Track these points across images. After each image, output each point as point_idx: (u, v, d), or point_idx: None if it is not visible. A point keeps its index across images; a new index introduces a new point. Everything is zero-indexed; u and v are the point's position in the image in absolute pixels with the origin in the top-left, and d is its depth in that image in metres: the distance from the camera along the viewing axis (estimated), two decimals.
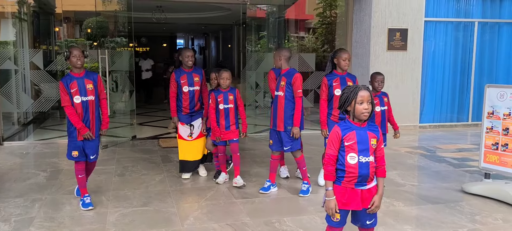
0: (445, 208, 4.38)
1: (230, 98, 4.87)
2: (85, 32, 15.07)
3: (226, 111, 4.88)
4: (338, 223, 2.82)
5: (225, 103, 4.86)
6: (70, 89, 4.04)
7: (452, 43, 9.08)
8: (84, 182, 4.34)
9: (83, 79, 4.11)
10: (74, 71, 4.12)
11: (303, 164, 4.73)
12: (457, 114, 9.30)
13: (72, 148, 4.22)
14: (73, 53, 4.05)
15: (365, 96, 2.68)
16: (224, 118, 4.89)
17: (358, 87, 2.72)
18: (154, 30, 18.42)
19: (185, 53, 5.04)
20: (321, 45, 13.75)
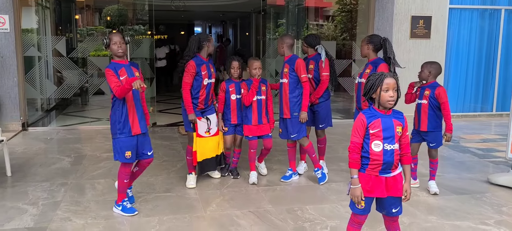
0: (471, 199, 4.30)
1: (262, 89, 4.57)
2: (104, 19, 15.19)
3: (259, 103, 4.56)
4: (363, 211, 2.80)
5: (258, 94, 4.55)
6: (119, 77, 3.53)
7: (477, 31, 8.87)
8: (126, 188, 3.86)
9: (129, 66, 3.67)
10: (116, 59, 3.63)
11: (312, 151, 4.63)
12: (481, 104, 9.11)
13: (124, 147, 3.62)
14: (113, 39, 3.55)
15: (390, 84, 2.64)
16: (256, 111, 4.56)
17: (384, 75, 2.67)
18: (172, 17, 18.41)
19: (207, 38, 4.48)
20: (340, 33, 13.58)
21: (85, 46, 8.11)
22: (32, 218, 3.70)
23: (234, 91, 4.57)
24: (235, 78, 4.59)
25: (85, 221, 3.66)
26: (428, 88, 4.30)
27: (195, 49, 4.38)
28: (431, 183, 4.46)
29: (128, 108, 3.58)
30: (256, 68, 4.47)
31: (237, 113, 4.61)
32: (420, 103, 4.35)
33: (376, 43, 4.33)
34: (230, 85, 4.57)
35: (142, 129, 3.68)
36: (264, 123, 4.59)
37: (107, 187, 4.47)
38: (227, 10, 15.99)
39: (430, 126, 4.31)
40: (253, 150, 4.64)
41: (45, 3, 9.18)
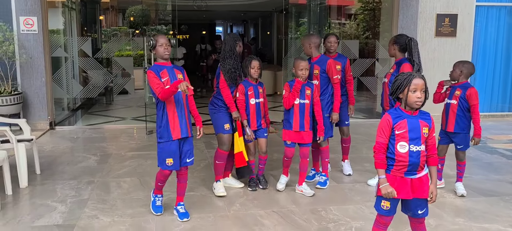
0: (500, 201, 4.21)
1: (307, 93, 4.15)
2: (128, 20, 15.42)
3: (301, 108, 4.16)
4: (388, 212, 2.77)
5: (301, 97, 4.15)
6: (161, 79, 3.43)
7: (505, 29, 8.65)
8: (161, 188, 3.79)
9: (172, 68, 3.55)
10: (160, 61, 3.54)
11: (327, 155, 4.54)
12: (509, 104, 8.88)
13: (165, 154, 3.51)
14: (160, 41, 3.45)
15: (419, 85, 2.60)
16: (298, 116, 4.17)
17: (413, 75, 2.63)
18: (193, 17, 18.57)
19: (237, 41, 4.31)
20: (363, 32, 13.44)
21: (109, 47, 8.25)
22: (61, 215, 3.79)
23: (253, 95, 4.25)
24: (252, 80, 4.28)
25: (111, 219, 3.72)
26: (460, 88, 4.20)
27: (233, 50, 4.22)
28: (458, 185, 4.38)
29: (168, 112, 3.47)
30: (303, 69, 4.06)
31: (256, 118, 4.29)
32: (449, 103, 4.26)
33: (402, 43, 4.29)
34: (249, 88, 4.23)
35: (183, 133, 3.52)
36: (306, 130, 4.19)
37: (133, 186, 4.54)
38: (248, 9, 16.03)
39: (458, 127, 4.21)
40: (287, 158, 4.31)
41: (71, 5, 9.38)
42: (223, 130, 4.24)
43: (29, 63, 6.97)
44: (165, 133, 3.49)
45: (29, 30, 6.90)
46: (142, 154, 5.79)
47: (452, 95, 4.23)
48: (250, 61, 4.22)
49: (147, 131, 7.08)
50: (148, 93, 7.27)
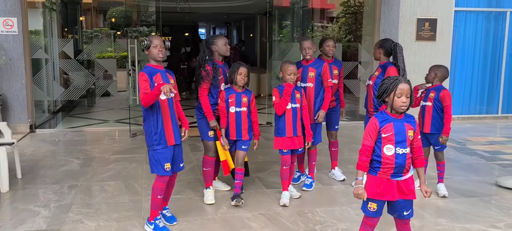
0: (480, 201, 4.32)
1: (297, 96, 4.08)
2: (109, 21, 15.25)
3: (294, 112, 4.05)
4: (375, 213, 2.83)
5: (293, 102, 4.05)
6: (154, 83, 3.30)
7: (483, 34, 8.87)
8: (160, 203, 3.56)
9: (165, 73, 3.44)
10: (153, 63, 3.41)
11: (314, 158, 4.59)
12: (486, 106, 9.11)
13: (163, 159, 3.38)
14: (155, 43, 3.32)
15: (404, 90, 2.67)
16: (291, 121, 4.04)
17: (399, 80, 2.69)
18: (176, 19, 18.48)
19: (222, 40, 4.13)
20: (344, 35, 13.60)
21: (91, 48, 8.15)
22: (44, 220, 3.73)
23: (234, 102, 4.02)
24: (237, 88, 4.05)
25: (97, 223, 3.68)
26: (434, 90, 4.33)
27: (205, 54, 4.08)
28: (440, 186, 4.48)
29: (164, 117, 3.37)
30: (291, 73, 3.97)
31: (235, 128, 4.05)
32: (424, 106, 4.39)
33: (387, 47, 4.38)
34: (230, 96, 4.01)
35: (177, 139, 3.46)
36: (299, 135, 4.08)
37: (118, 190, 4.50)
38: (231, 11, 16.04)
39: (434, 128, 4.33)
40: (285, 166, 4.11)
41: (51, 5, 9.22)
42: (208, 136, 4.16)
43: (9, 65, 6.83)
44: (162, 139, 3.37)
45: (9, 31, 6.77)
46: (127, 157, 5.73)
47: (427, 97, 4.36)
48: (237, 68, 3.99)
49: (131, 133, 7.01)
50: (132, 96, 7.20)
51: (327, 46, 4.68)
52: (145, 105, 3.26)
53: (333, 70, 4.66)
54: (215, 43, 4.12)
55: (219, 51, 4.12)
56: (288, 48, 8.90)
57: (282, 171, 4.16)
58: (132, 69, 7.01)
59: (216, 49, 4.12)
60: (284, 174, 4.16)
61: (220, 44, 4.12)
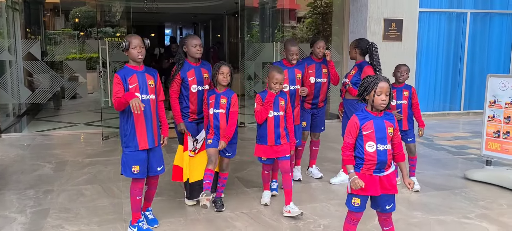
0: (451, 194, 4.52)
1: (281, 103, 3.87)
2: (72, 22, 14.85)
3: (276, 120, 3.86)
4: (359, 208, 2.93)
5: (276, 109, 3.86)
6: (129, 85, 3.25)
7: (445, 33, 9.26)
8: (139, 205, 3.51)
9: (144, 73, 3.34)
10: (132, 64, 3.34)
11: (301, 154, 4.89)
12: (449, 103, 9.51)
13: (131, 161, 3.32)
14: (133, 43, 3.25)
15: (384, 88, 2.78)
16: (273, 129, 3.85)
17: (379, 79, 2.80)
18: (142, 19, 18.23)
19: (192, 41, 3.93)
20: (312, 35, 13.82)
21: (55, 49, 7.94)
22: (22, 226, 3.62)
23: (213, 104, 3.83)
24: (219, 89, 3.85)
25: (78, 227, 3.61)
26: (405, 89, 4.58)
27: (180, 56, 4.00)
28: (413, 180, 4.66)
29: (136, 120, 3.28)
30: (277, 82, 3.76)
31: (214, 130, 3.85)
32: (400, 104, 4.57)
33: (363, 47, 4.52)
34: (210, 97, 3.84)
35: (150, 143, 3.37)
36: (282, 143, 3.88)
37: (96, 193, 4.42)
38: (199, 12, 15.97)
39: (409, 125, 4.61)
40: (266, 171, 4.14)
41: (14, 5, 8.89)
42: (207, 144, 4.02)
43: None
44: (131, 142, 3.31)
45: None
46: (101, 160, 5.63)
47: (401, 96, 4.54)
48: (219, 67, 3.78)
49: (103, 136, 6.87)
50: (104, 98, 7.07)
51: (318, 47, 4.62)
52: (117, 109, 3.26)
53: (322, 69, 4.69)
54: (186, 44, 3.97)
55: (189, 52, 3.97)
56: (260, 48, 8.96)
57: (263, 174, 4.18)
58: (103, 70, 6.87)
59: (186, 50, 3.99)
60: (265, 177, 4.19)
61: (189, 44, 3.94)
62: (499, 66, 9.59)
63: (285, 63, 4.43)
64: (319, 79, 4.67)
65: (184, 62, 3.98)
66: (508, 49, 9.63)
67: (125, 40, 3.29)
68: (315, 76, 4.64)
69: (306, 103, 4.75)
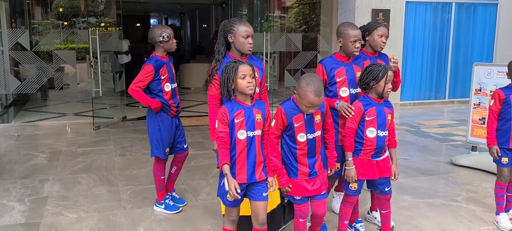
0: (439, 179, 4.69)
1: (316, 120, 2.66)
2: (55, 11, 14.65)
3: (312, 144, 2.65)
4: (355, 192, 3.05)
5: (310, 130, 2.64)
6: (161, 76, 3.45)
7: (431, 24, 9.44)
8: (163, 184, 3.73)
9: (169, 63, 3.56)
10: (162, 55, 3.50)
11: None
12: (435, 92, 9.73)
13: (165, 143, 3.55)
14: (171, 34, 3.47)
15: (392, 76, 2.91)
16: (306, 157, 2.66)
17: (387, 68, 2.90)
18: (126, 9, 18.09)
19: (242, 29, 2.85)
20: (299, 25, 13.91)
21: (45, 39, 7.86)
22: (22, 214, 3.65)
23: (244, 124, 2.50)
24: (242, 99, 2.53)
25: (78, 214, 3.66)
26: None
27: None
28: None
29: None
30: (311, 107, 2.53)
31: (247, 164, 2.52)
32: None
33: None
34: (237, 113, 2.50)
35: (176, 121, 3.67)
36: (319, 174, 2.72)
37: (92, 181, 4.46)
38: (185, 1, 15.89)
39: None
40: (302, 219, 2.78)
41: None
42: None
43: None
44: (165, 123, 3.58)
45: None
46: (94, 150, 5.65)
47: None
48: (236, 67, 2.49)
49: (94, 126, 6.88)
50: (95, 88, 7.05)
51: (380, 36, 3.38)
52: (134, 97, 3.44)
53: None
54: (231, 31, 2.91)
55: (236, 43, 2.91)
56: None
57: (299, 224, 2.79)
58: (94, 61, 6.85)
59: (231, 39, 2.92)
60: (301, 229, 2.81)
61: (238, 33, 2.87)
62: (482, 55, 9.84)
63: (338, 57, 3.12)
64: None
65: (225, 56, 2.95)
66: (491, 39, 9.88)
67: (165, 33, 3.41)
68: None
69: None
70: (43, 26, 11.98)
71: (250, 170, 2.53)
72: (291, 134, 2.63)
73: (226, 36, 2.91)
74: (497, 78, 4.94)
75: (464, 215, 3.74)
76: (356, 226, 3.36)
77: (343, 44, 3.04)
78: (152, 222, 3.53)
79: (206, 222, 3.55)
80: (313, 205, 2.75)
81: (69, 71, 7.91)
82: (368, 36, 3.41)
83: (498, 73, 4.95)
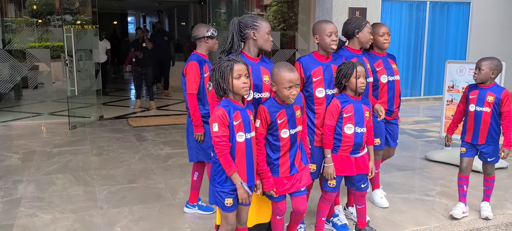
0: (413, 174, 4.79)
1: (297, 114, 2.70)
2: (29, 9, 14.33)
3: (293, 140, 2.69)
4: (334, 189, 3.09)
5: (292, 126, 2.68)
6: (204, 73, 3.30)
7: (406, 22, 9.62)
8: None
9: (209, 62, 3.42)
10: (204, 53, 3.40)
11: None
12: (410, 89, 9.91)
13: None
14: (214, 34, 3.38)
15: (362, 72, 2.94)
16: (288, 153, 2.68)
17: (355, 64, 2.94)
18: (103, 6, 17.82)
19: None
20: (278, 24, 13.96)
21: (18, 37, 7.69)
22: None
23: (242, 126, 2.46)
24: (237, 100, 2.47)
25: (53, 215, 3.60)
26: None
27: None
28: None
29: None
30: (293, 86, 2.54)
31: (247, 167, 2.50)
32: None
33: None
34: (235, 115, 2.43)
35: None
36: (299, 170, 2.74)
37: (68, 182, 4.39)
38: None
39: None
40: (279, 216, 2.81)
41: None
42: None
43: None
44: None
45: None
46: (70, 150, 5.57)
47: None
48: (231, 66, 2.42)
49: (70, 126, 6.76)
50: (71, 87, 6.94)
51: (381, 35, 3.56)
52: (189, 104, 3.32)
53: (391, 64, 3.63)
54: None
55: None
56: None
57: (276, 222, 2.82)
58: (70, 59, 6.73)
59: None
60: (278, 227, 2.84)
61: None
62: (456, 53, 10.07)
63: (316, 56, 3.08)
64: (392, 77, 3.61)
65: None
66: (464, 37, 10.12)
67: (213, 29, 3.36)
68: (386, 73, 3.56)
69: None
70: (16, 24, 11.70)
71: (249, 173, 2.51)
72: (274, 131, 2.63)
73: (245, 33, 2.72)
74: (468, 75, 5.07)
75: (437, 209, 3.84)
76: (333, 220, 3.41)
77: (320, 40, 3.02)
78: (129, 222, 3.50)
79: (184, 221, 3.54)
80: (294, 201, 2.77)
81: (44, 70, 7.76)
82: (359, 33, 3.38)
83: (469, 70, 5.08)
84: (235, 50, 2.73)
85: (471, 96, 3.54)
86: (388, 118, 3.71)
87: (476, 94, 3.51)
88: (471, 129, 3.56)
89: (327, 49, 3.02)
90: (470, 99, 3.54)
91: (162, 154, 5.43)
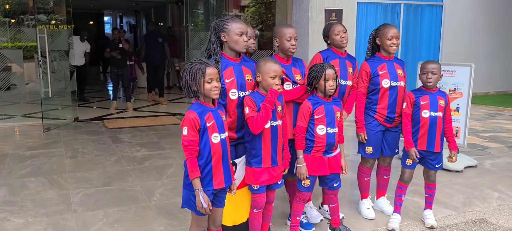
0: None
1: (278, 109, 2.88)
2: (2, 8, 14.00)
3: (274, 133, 2.84)
4: (308, 188, 3.14)
5: (273, 118, 2.84)
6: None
7: (381, 24, 9.76)
8: None
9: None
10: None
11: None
12: None
13: None
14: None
15: (331, 74, 2.99)
16: (270, 145, 2.83)
17: (325, 66, 3.00)
18: (79, 6, 17.53)
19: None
20: (256, 24, 14.00)
21: None
22: None
23: (216, 127, 2.46)
24: (207, 102, 2.48)
25: (25, 219, 3.54)
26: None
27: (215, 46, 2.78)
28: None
29: None
30: (277, 76, 2.75)
31: (223, 167, 2.51)
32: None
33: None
34: (207, 116, 2.44)
35: None
36: (279, 164, 2.89)
37: (41, 185, 4.32)
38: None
39: None
40: (257, 209, 2.94)
41: None
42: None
43: None
44: None
45: None
46: (44, 152, 5.47)
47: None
48: (205, 69, 2.43)
49: (44, 128, 6.64)
50: (44, 88, 6.81)
51: (389, 38, 3.61)
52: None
53: (348, 67, 3.58)
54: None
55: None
56: (206, 37, 9.00)
57: (253, 215, 2.96)
58: (43, 60, 6.61)
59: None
60: (255, 220, 2.98)
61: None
62: (429, 54, 10.30)
63: (278, 59, 3.15)
64: (395, 82, 3.56)
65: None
66: (437, 38, 10.37)
67: (258, 31, 3.42)
68: (389, 78, 3.53)
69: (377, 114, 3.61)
70: None
71: (226, 173, 2.51)
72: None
73: (219, 36, 2.76)
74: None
75: (409, 207, 3.93)
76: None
77: (280, 44, 3.12)
78: (104, 225, 3.48)
79: (159, 223, 3.54)
80: (269, 193, 2.96)
81: (16, 71, 7.61)
82: (328, 39, 3.60)
83: (442, 72, 5.20)
84: (214, 52, 2.74)
85: (423, 102, 3.32)
86: (388, 125, 3.63)
87: (427, 99, 3.32)
88: (426, 136, 3.34)
89: (286, 53, 3.17)
90: (422, 106, 3.32)
91: (138, 155, 5.40)
